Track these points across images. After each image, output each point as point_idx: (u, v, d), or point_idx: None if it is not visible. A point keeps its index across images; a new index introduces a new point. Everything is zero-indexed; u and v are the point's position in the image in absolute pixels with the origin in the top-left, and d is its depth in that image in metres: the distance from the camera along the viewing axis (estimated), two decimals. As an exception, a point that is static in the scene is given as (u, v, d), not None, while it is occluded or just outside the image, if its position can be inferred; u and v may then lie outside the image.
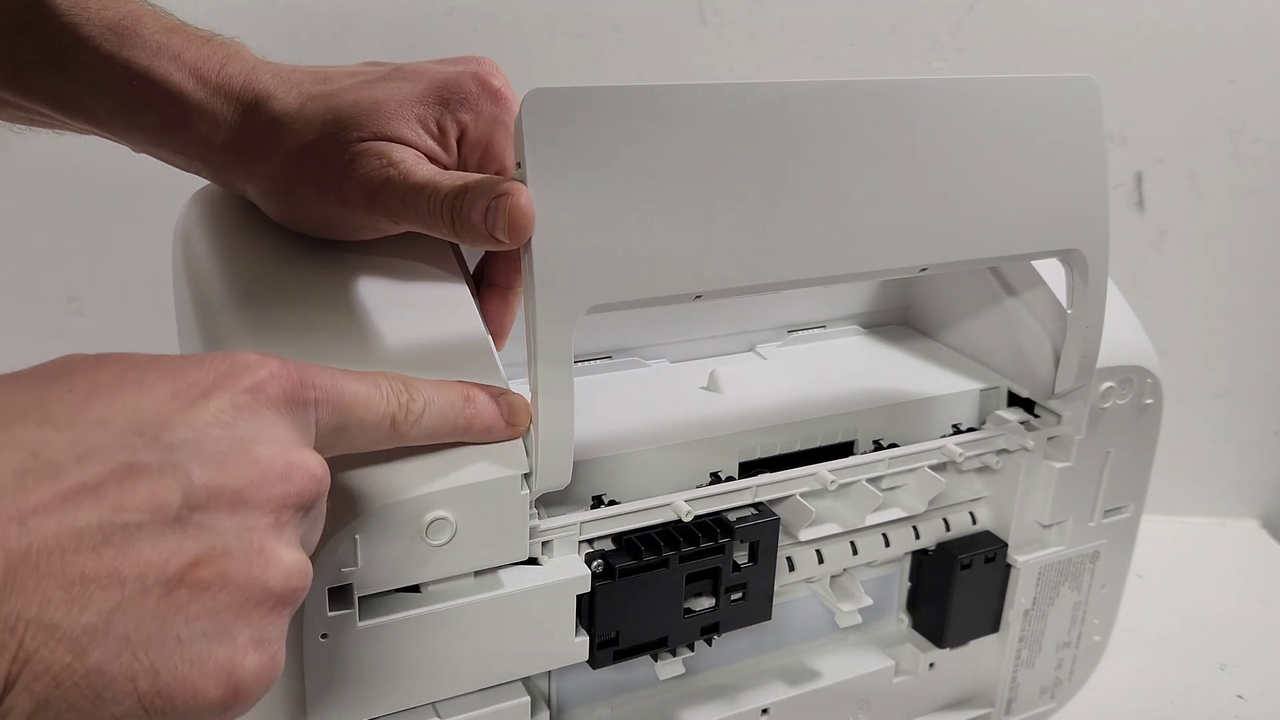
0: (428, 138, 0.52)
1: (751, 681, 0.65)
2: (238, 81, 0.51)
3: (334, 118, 0.51)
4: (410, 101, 0.51)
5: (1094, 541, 0.71)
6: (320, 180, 0.51)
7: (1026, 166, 0.57)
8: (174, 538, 0.34)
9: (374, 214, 0.51)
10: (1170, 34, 1.02)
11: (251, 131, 0.51)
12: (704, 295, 0.50)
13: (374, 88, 0.52)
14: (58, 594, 0.31)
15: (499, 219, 0.45)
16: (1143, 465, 0.71)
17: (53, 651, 0.31)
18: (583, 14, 1.02)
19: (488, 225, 0.46)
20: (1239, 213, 1.07)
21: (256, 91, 0.51)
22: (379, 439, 0.44)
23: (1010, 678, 0.73)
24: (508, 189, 0.45)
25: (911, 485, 0.64)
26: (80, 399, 0.34)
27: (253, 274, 0.54)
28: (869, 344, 0.75)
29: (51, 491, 0.32)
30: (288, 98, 0.51)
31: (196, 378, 0.37)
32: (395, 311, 0.53)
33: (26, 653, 0.30)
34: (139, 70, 0.50)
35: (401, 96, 0.51)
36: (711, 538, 0.56)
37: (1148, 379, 0.68)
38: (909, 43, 1.03)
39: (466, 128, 0.53)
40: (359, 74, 0.53)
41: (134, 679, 0.32)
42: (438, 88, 0.52)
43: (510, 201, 0.45)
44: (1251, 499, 1.17)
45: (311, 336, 0.51)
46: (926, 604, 0.69)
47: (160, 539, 0.33)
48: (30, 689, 0.31)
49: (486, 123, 0.53)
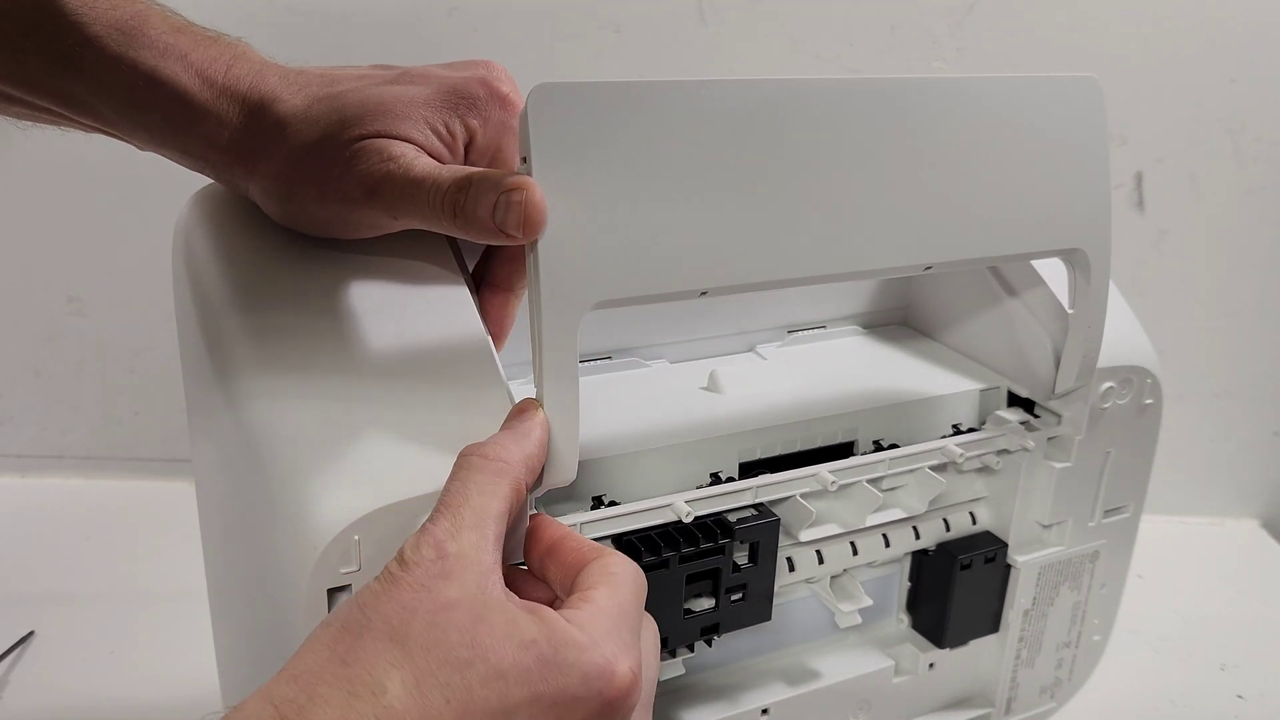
0: (435, 140, 0.51)
1: (751, 682, 0.65)
2: (244, 83, 0.51)
3: (339, 117, 0.50)
4: (418, 104, 0.51)
5: (1094, 541, 0.71)
6: (321, 179, 0.51)
7: (1030, 166, 0.57)
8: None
9: (373, 209, 0.51)
10: (1170, 34, 1.02)
11: (255, 132, 0.51)
12: (710, 292, 0.50)
13: (381, 89, 0.52)
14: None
15: (510, 213, 0.45)
16: (1143, 465, 0.71)
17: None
18: (583, 14, 1.02)
19: (496, 219, 0.45)
20: (1239, 213, 1.07)
21: (262, 93, 0.51)
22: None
23: (1010, 678, 0.72)
24: (518, 183, 0.45)
25: (912, 486, 0.64)
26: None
27: (254, 276, 0.54)
28: (869, 344, 0.75)
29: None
30: (294, 100, 0.51)
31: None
32: (396, 313, 0.53)
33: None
34: (146, 70, 0.50)
35: (409, 98, 0.51)
36: (711, 538, 0.56)
37: (1148, 379, 0.68)
38: (909, 43, 1.03)
39: (475, 133, 0.53)
40: (367, 76, 0.53)
41: None
42: (446, 92, 0.52)
43: (526, 196, 0.45)
44: (1251, 499, 1.18)
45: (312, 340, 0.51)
46: (926, 604, 0.69)
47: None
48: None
49: (495, 129, 0.53)
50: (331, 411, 0.49)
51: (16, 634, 0.85)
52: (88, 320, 1.10)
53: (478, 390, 0.51)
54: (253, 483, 0.50)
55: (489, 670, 0.38)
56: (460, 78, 0.53)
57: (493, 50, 1.02)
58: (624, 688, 0.41)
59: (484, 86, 0.53)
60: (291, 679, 0.37)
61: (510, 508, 0.44)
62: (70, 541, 1.03)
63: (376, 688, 0.37)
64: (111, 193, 1.05)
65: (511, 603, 0.41)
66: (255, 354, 0.51)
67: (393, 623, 0.39)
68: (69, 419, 1.14)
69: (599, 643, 0.40)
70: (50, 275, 1.09)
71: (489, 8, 1.01)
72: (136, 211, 1.04)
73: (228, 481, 0.56)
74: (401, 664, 0.38)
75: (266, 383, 0.50)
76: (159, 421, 1.14)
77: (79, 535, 1.04)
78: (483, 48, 1.02)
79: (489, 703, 0.38)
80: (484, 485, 0.43)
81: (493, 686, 0.38)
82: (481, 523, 0.42)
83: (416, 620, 0.39)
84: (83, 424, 1.14)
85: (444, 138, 0.52)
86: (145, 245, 1.03)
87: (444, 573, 0.40)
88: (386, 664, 0.38)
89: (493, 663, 0.38)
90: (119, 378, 1.13)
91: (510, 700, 0.38)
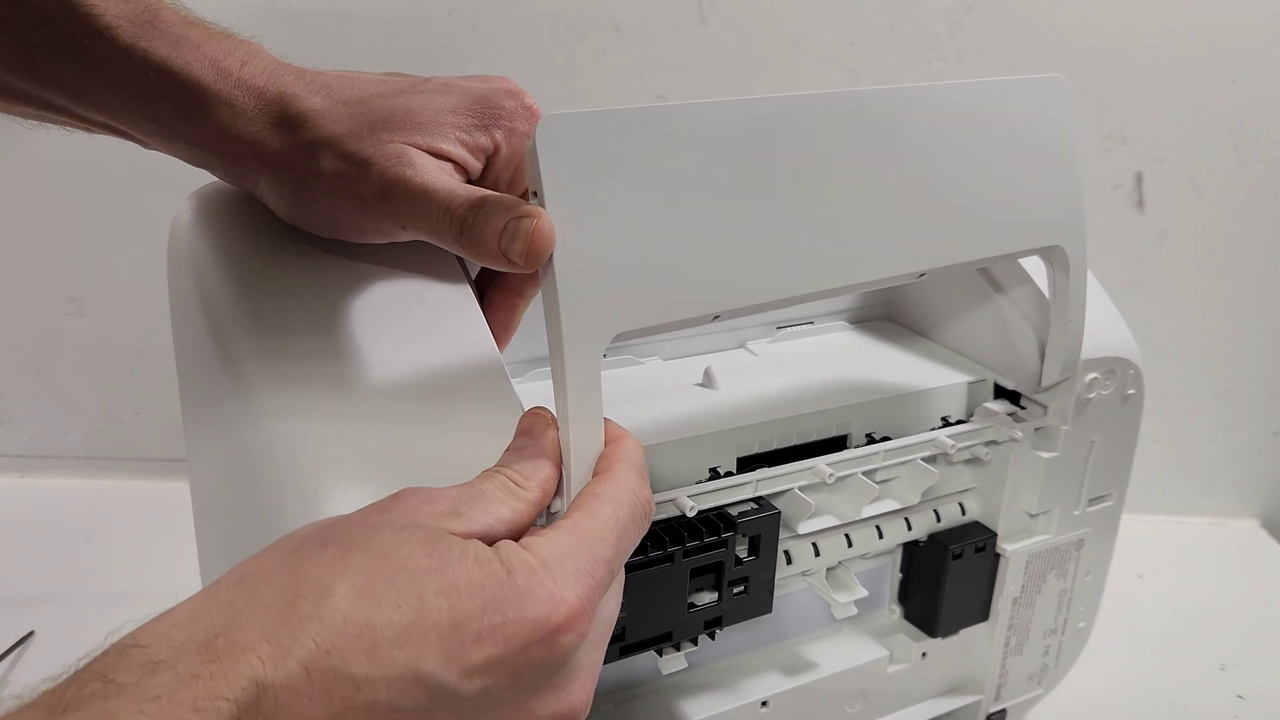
0: (464, 151, 0.51)
1: (750, 674, 0.65)
2: (260, 79, 0.51)
3: (366, 120, 0.50)
4: (446, 113, 0.51)
5: (1079, 530, 0.72)
6: (336, 174, 0.50)
7: (1006, 167, 0.57)
8: None
9: (383, 214, 0.50)
10: (1170, 34, 1.02)
11: (273, 124, 0.51)
12: (722, 315, 0.50)
13: (408, 97, 0.51)
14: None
15: (516, 241, 0.44)
16: (1125, 454, 0.72)
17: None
18: (583, 14, 1.02)
19: (502, 244, 0.45)
20: (1239, 213, 1.08)
21: (280, 89, 0.51)
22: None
23: (1000, 665, 0.73)
24: (530, 211, 0.44)
25: (905, 477, 0.65)
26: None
27: (259, 282, 0.54)
28: (857, 339, 0.76)
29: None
30: (314, 99, 0.51)
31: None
32: (406, 327, 0.53)
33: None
34: (158, 61, 0.50)
35: (438, 107, 0.51)
36: (714, 532, 0.57)
37: (1130, 370, 0.69)
38: (909, 43, 1.03)
39: (499, 146, 0.53)
40: (388, 83, 0.53)
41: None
42: (474, 102, 0.52)
43: (536, 225, 0.44)
44: (1251, 499, 1.18)
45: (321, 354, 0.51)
46: (918, 594, 0.70)
47: None
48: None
49: (520, 140, 0.53)
50: (339, 427, 0.49)
51: (16, 634, 0.86)
52: (88, 320, 1.10)
53: (488, 406, 0.51)
54: (257, 495, 0.50)
55: (444, 582, 0.38)
56: (488, 89, 0.53)
57: (493, 50, 1.02)
58: (570, 614, 0.40)
59: (512, 98, 0.53)
60: (236, 581, 0.37)
61: (513, 531, 0.43)
62: (70, 541, 1.03)
63: (324, 590, 0.36)
64: (111, 193, 1.05)
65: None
66: (263, 370, 0.51)
67: (356, 534, 0.39)
68: (69, 419, 1.14)
69: (551, 568, 0.40)
70: (50, 275, 1.09)
71: (489, 8, 1.01)
72: (136, 211, 1.04)
73: (230, 490, 0.56)
74: (358, 570, 0.37)
75: (274, 398, 0.50)
76: (159, 421, 1.14)
77: (79, 535, 1.04)
78: (483, 48, 1.02)
79: (441, 613, 0.37)
80: (502, 499, 0.43)
81: (447, 597, 0.37)
82: (483, 515, 0.42)
83: (381, 534, 0.39)
84: (83, 424, 1.15)
85: (472, 148, 0.52)
86: (145, 245, 1.03)
87: (416, 508, 0.41)
88: (341, 568, 0.37)
89: (449, 575, 0.38)
90: (119, 378, 1.13)
91: (461, 614, 0.37)
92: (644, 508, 0.46)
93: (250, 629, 0.34)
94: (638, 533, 0.45)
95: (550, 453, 0.46)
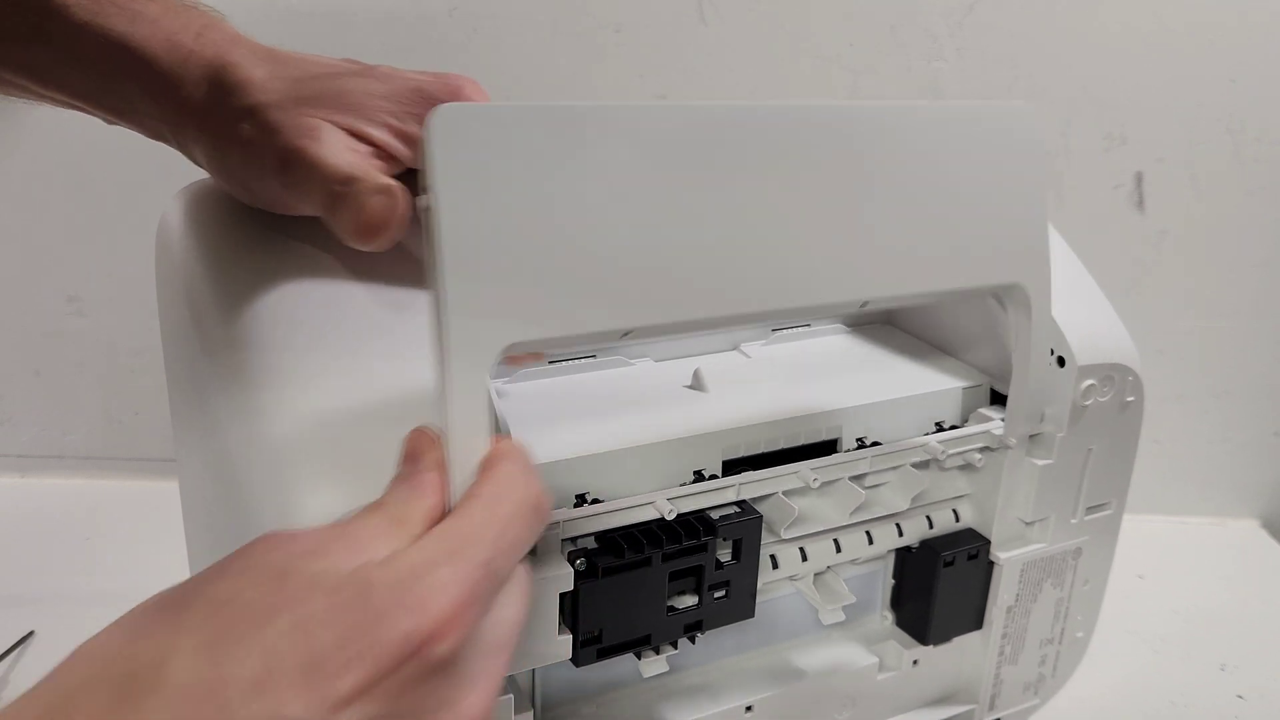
0: (390, 136, 0.51)
1: (735, 679, 0.65)
2: (210, 50, 0.51)
3: (294, 94, 0.50)
4: (378, 97, 0.51)
5: (1076, 538, 0.71)
6: (248, 141, 0.51)
7: (964, 196, 0.55)
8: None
9: (283, 185, 0.50)
10: (1170, 34, 1.02)
11: (210, 93, 0.51)
12: (633, 334, 0.48)
13: (346, 79, 0.52)
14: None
15: (351, 212, 0.44)
16: (1125, 462, 0.71)
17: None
18: (583, 14, 1.02)
19: (350, 220, 0.45)
20: (1239, 213, 1.07)
21: (226, 60, 0.51)
22: None
23: (994, 674, 0.72)
24: (386, 187, 0.44)
25: (894, 483, 0.64)
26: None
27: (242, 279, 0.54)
28: (853, 342, 0.75)
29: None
30: (255, 71, 0.51)
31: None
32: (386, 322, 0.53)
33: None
34: (116, 37, 0.50)
35: (370, 91, 0.51)
36: (694, 535, 0.56)
37: (1129, 376, 0.68)
38: (909, 43, 1.03)
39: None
40: (337, 66, 0.53)
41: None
42: (411, 91, 0.52)
43: (380, 201, 0.43)
44: (1251, 499, 1.17)
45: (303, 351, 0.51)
46: (910, 601, 0.69)
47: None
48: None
49: None
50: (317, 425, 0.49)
51: (16, 634, 0.86)
52: (88, 320, 1.10)
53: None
54: (236, 493, 0.50)
55: (294, 619, 0.34)
56: (428, 80, 0.53)
57: (493, 50, 1.02)
58: (438, 622, 0.37)
59: (446, 89, 0.53)
60: (71, 660, 0.34)
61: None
62: (70, 541, 1.03)
63: (161, 657, 0.33)
64: (111, 193, 1.06)
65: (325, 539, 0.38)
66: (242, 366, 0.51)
67: (197, 589, 0.36)
68: (69, 419, 1.15)
69: (419, 578, 0.37)
70: (50, 275, 1.09)
71: (489, 8, 1.01)
72: (136, 211, 1.04)
73: (213, 488, 0.56)
74: (195, 628, 0.34)
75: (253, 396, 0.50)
76: (159, 421, 1.14)
77: (79, 535, 1.04)
78: (483, 48, 1.02)
79: (296, 652, 0.34)
80: (379, 539, 0.40)
81: (299, 633, 0.34)
82: (353, 557, 0.39)
83: (221, 582, 0.36)
84: (83, 424, 1.15)
85: (401, 136, 0.52)
86: (145, 245, 1.02)
87: (268, 550, 0.38)
88: (175, 630, 0.34)
89: (299, 611, 0.35)
90: (119, 378, 1.13)
91: (319, 648, 0.34)
92: (530, 502, 0.43)
93: (80, 714, 0.31)
94: (525, 528, 0.43)
95: (431, 481, 0.43)
